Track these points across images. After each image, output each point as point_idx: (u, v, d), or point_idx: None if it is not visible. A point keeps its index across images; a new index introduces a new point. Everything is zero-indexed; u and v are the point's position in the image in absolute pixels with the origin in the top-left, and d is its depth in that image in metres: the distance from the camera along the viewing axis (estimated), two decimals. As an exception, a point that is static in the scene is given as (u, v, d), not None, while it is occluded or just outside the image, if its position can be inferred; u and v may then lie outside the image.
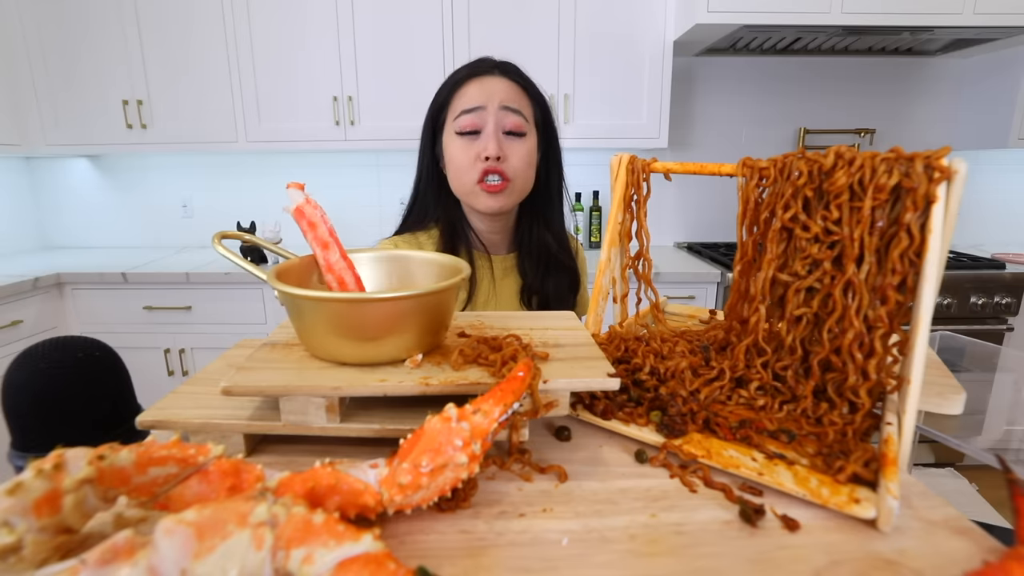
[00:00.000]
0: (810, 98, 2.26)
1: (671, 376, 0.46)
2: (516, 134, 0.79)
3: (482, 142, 0.77)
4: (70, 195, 2.37)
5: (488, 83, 0.78)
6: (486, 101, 0.77)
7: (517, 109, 0.78)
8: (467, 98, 0.78)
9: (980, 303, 1.81)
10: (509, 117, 0.78)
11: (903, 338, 0.37)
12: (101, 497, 0.27)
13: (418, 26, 1.92)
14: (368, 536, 0.25)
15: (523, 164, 0.79)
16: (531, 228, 0.88)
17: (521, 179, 0.80)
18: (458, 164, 0.79)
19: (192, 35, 1.95)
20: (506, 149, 0.78)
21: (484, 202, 0.80)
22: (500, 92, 0.78)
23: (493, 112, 0.77)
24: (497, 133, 0.77)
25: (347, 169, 2.32)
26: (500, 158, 0.77)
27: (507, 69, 0.81)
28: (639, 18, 1.93)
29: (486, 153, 0.76)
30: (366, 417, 0.40)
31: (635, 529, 0.32)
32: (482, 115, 0.77)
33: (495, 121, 0.77)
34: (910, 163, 0.36)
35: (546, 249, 0.87)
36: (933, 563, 0.29)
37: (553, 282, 0.87)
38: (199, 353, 1.94)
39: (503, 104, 0.77)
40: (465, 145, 0.78)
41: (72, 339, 0.61)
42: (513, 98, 0.79)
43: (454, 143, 0.80)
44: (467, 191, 0.81)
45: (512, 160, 0.78)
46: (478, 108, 0.77)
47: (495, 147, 0.76)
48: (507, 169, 0.78)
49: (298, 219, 0.48)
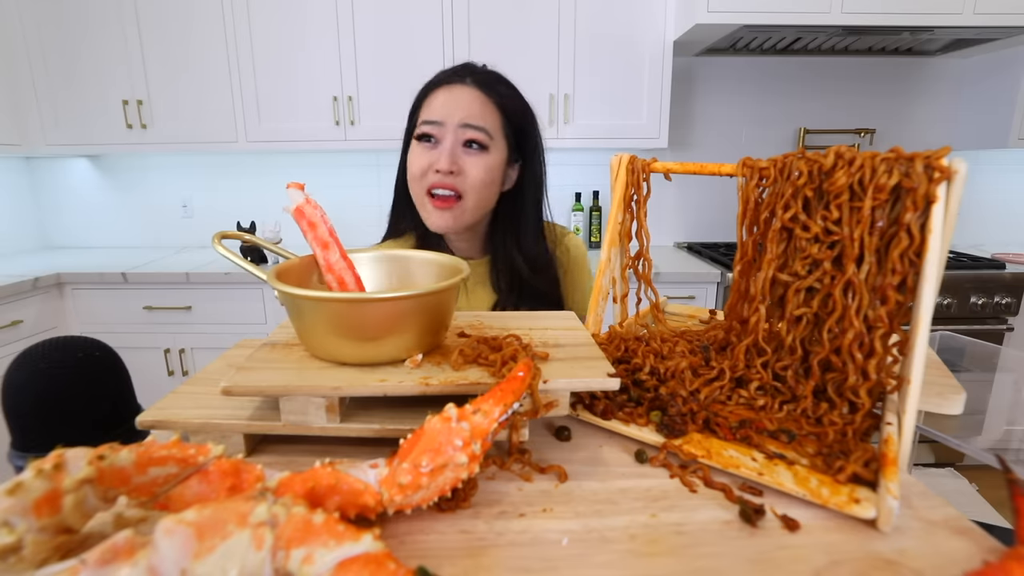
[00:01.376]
0: (810, 98, 2.26)
1: (671, 376, 0.46)
2: (477, 145, 0.76)
3: (436, 153, 0.76)
4: (70, 195, 2.37)
5: (456, 93, 0.76)
6: (446, 116, 0.75)
7: (479, 126, 0.75)
8: (431, 109, 0.77)
9: (980, 303, 1.81)
10: (468, 132, 0.75)
11: (903, 338, 0.37)
12: (101, 497, 0.27)
13: (418, 26, 1.92)
14: (368, 536, 0.25)
15: (479, 180, 0.76)
16: (503, 241, 0.84)
17: (475, 196, 0.77)
18: (412, 170, 0.78)
19: (192, 35, 1.95)
20: (462, 162, 0.75)
21: (432, 219, 0.78)
22: (464, 107, 0.75)
23: (452, 128, 0.75)
24: (454, 147, 0.75)
25: (347, 169, 2.32)
26: (453, 172, 0.75)
27: (483, 80, 0.78)
28: (639, 18, 1.93)
29: (437, 165, 0.75)
30: (366, 417, 0.40)
31: (635, 529, 0.32)
32: (441, 129, 0.75)
33: (453, 135, 0.75)
34: (910, 163, 0.36)
35: (515, 268, 0.83)
36: (933, 563, 0.29)
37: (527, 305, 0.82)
38: (199, 353, 1.94)
39: (464, 122, 0.75)
40: (421, 152, 0.77)
41: (72, 339, 0.60)
42: (476, 113, 0.75)
43: (413, 149, 0.78)
44: (418, 200, 0.79)
45: (468, 174, 0.76)
46: (437, 122, 0.75)
47: (447, 160, 0.74)
48: (459, 184, 0.76)
49: (298, 219, 0.48)
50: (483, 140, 0.76)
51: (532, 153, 0.83)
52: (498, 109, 0.78)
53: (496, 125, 0.77)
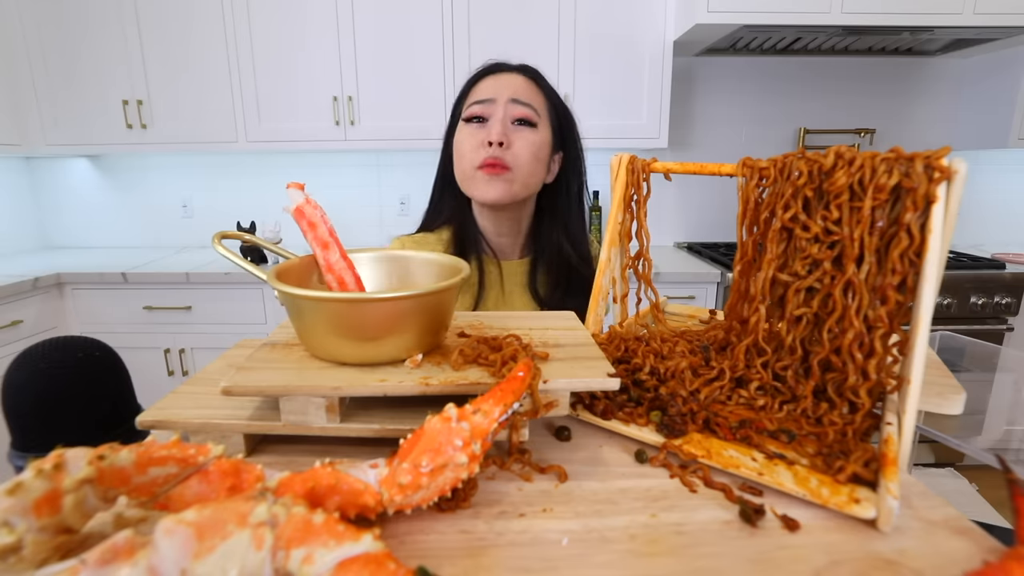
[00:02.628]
0: (810, 98, 2.26)
1: (671, 376, 0.46)
2: (526, 122, 0.78)
3: (487, 128, 0.77)
4: (70, 195, 2.37)
5: (503, 78, 0.80)
6: (497, 94, 0.78)
7: (528, 103, 0.78)
8: (480, 91, 0.80)
9: (980, 303, 1.81)
10: (519, 108, 0.78)
11: (903, 338, 0.37)
12: (101, 497, 0.27)
13: (418, 26, 1.92)
14: (368, 536, 0.25)
15: (528, 154, 0.77)
16: (550, 234, 0.84)
17: (524, 170, 0.78)
18: (462, 149, 0.79)
19: (192, 35, 1.95)
20: (511, 136, 0.77)
21: (482, 188, 0.78)
22: (512, 86, 0.78)
23: (503, 103, 0.77)
24: (504, 121, 0.77)
25: (347, 169, 2.32)
26: (504, 144, 0.76)
27: (526, 69, 0.82)
28: (639, 18, 1.93)
29: (489, 138, 0.76)
30: (366, 417, 0.40)
31: (635, 529, 0.32)
32: (491, 106, 0.78)
33: (504, 111, 0.77)
34: (910, 163, 0.36)
35: (565, 259, 0.83)
36: (933, 563, 0.29)
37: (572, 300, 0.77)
38: (199, 353, 1.94)
39: (513, 97, 0.77)
40: (472, 132, 0.78)
41: (72, 339, 0.60)
42: (525, 92, 0.79)
43: (462, 131, 0.80)
44: (466, 177, 0.79)
45: (516, 148, 0.77)
46: (488, 100, 0.78)
47: (499, 132, 0.76)
48: (509, 158, 0.77)
49: (298, 219, 0.48)
50: (531, 117, 0.78)
51: (573, 144, 0.85)
52: (543, 93, 0.81)
53: (542, 106, 0.80)
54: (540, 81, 0.82)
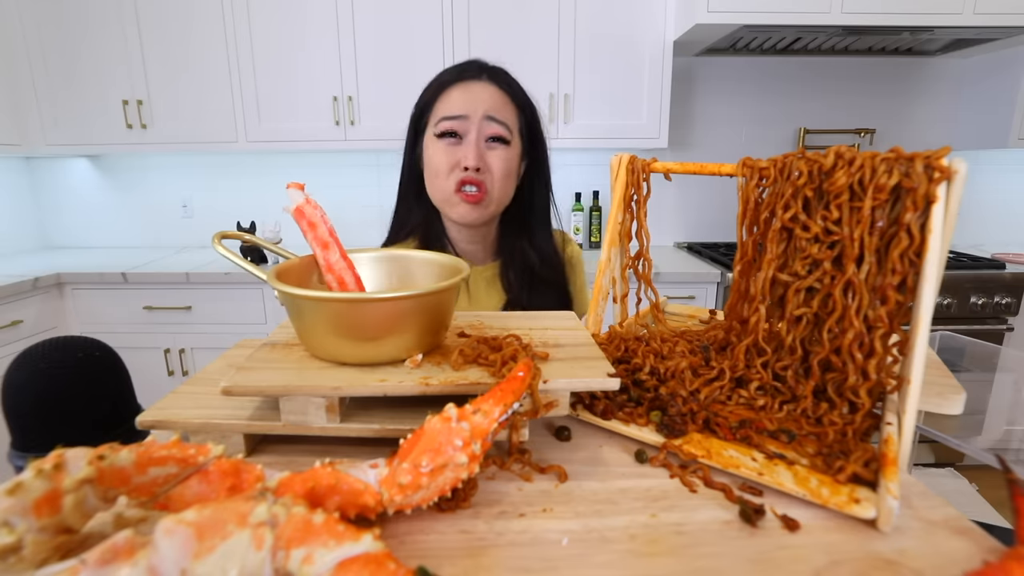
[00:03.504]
0: (810, 98, 2.26)
1: (671, 376, 0.46)
2: (499, 140, 0.77)
3: (463, 150, 0.75)
4: (70, 195, 2.37)
5: (474, 89, 0.77)
6: (470, 110, 0.75)
7: (501, 120, 0.76)
8: (450, 104, 0.77)
9: (980, 303, 1.81)
10: (493, 126, 0.76)
11: (903, 338, 0.37)
12: (101, 497, 0.27)
13: (418, 26, 1.92)
14: (368, 536, 0.25)
15: (502, 174, 0.77)
16: (514, 240, 0.85)
17: (499, 190, 0.78)
18: (436, 169, 0.77)
19: (192, 35, 1.95)
20: (487, 158, 0.76)
21: (460, 212, 0.78)
22: (485, 100, 0.76)
23: (476, 122, 0.75)
24: (479, 143, 0.76)
25: (347, 169, 2.32)
26: (480, 169, 0.76)
27: (495, 75, 0.79)
28: (639, 18, 1.93)
29: (466, 163, 0.75)
30: (366, 417, 0.40)
31: (635, 529, 0.32)
32: (464, 123, 0.76)
33: (477, 130, 0.76)
34: (910, 163, 0.36)
35: (529, 265, 0.84)
36: (933, 563, 0.29)
37: (539, 299, 0.83)
38: (199, 353, 1.94)
39: (487, 114, 0.76)
40: (445, 150, 0.77)
41: (72, 339, 0.60)
42: (498, 107, 0.77)
43: (434, 146, 0.78)
44: (444, 198, 0.79)
45: (492, 170, 0.77)
46: (461, 116, 0.75)
47: (475, 157, 0.74)
48: (486, 180, 0.76)
49: (298, 219, 0.48)
50: (505, 135, 0.77)
51: (539, 147, 0.84)
52: (514, 105, 0.79)
53: (513, 120, 0.79)
54: (511, 89, 0.80)
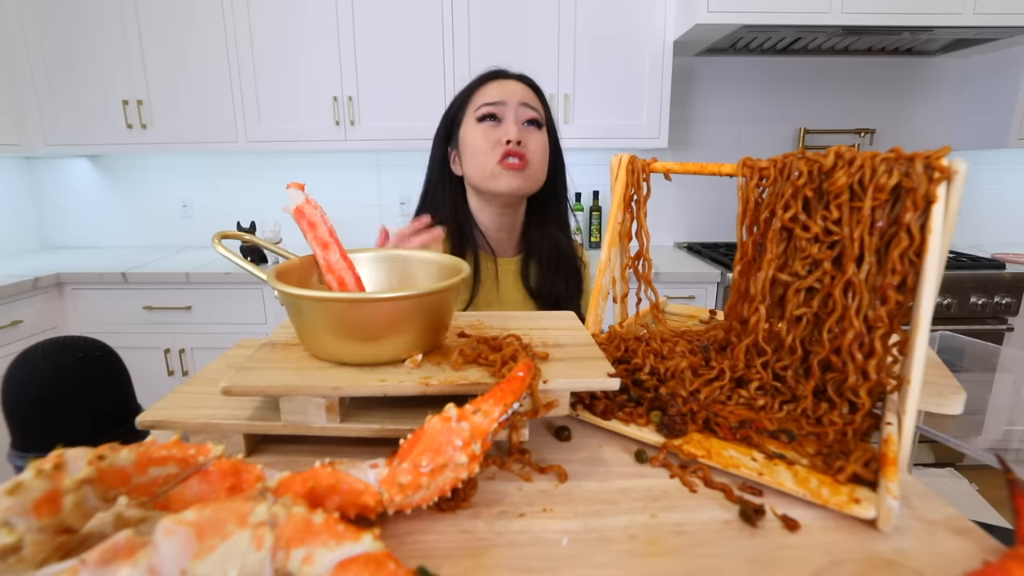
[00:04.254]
0: (810, 98, 2.26)
1: (671, 376, 0.46)
2: (535, 123, 0.84)
3: (503, 128, 0.82)
4: (70, 195, 2.37)
5: (507, 84, 0.85)
6: (507, 97, 0.83)
7: (534, 107, 0.84)
8: (488, 94, 0.84)
9: (980, 303, 1.81)
10: (528, 111, 0.83)
11: (903, 338, 0.37)
12: (101, 497, 0.27)
13: (418, 27, 1.92)
14: (368, 536, 0.25)
15: (540, 152, 0.84)
16: (541, 228, 0.91)
17: (537, 166, 0.84)
18: (478, 148, 0.83)
19: (192, 35, 1.95)
20: (525, 135, 0.82)
21: (506, 181, 0.82)
22: (518, 92, 0.84)
23: (513, 107, 0.82)
24: (518, 122, 0.83)
25: (347, 169, 2.32)
26: (520, 143, 0.81)
27: (522, 77, 0.87)
28: (639, 18, 1.93)
29: (508, 136, 0.81)
30: (366, 417, 0.40)
31: (635, 529, 0.32)
32: (503, 108, 0.82)
33: (515, 112, 0.83)
34: (910, 163, 0.36)
35: (557, 249, 0.90)
36: (933, 563, 0.29)
37: (564, 283, 0.89)
38: (199, 353, 1.94)
39: (522, 101, 0.83)
40: (486, 130, 0.83)
41: (72, 339, 0.61)
42: (530, 98, 0.85)
43: (474, 129, 0.84)
44: (487, 174, 0.83)
45: (531, 146, 0.83)
46: (499, 103, 0.83)
47: (516, 131, 0.81)
48: (527, 153, 0.82)
49: (298, 219, 0.48)
50: (539, 119, 0.85)
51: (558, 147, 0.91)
52: (540, 100, 0.87)
53: (542, 112, 0.86)
54: (538, 90, 0.88)
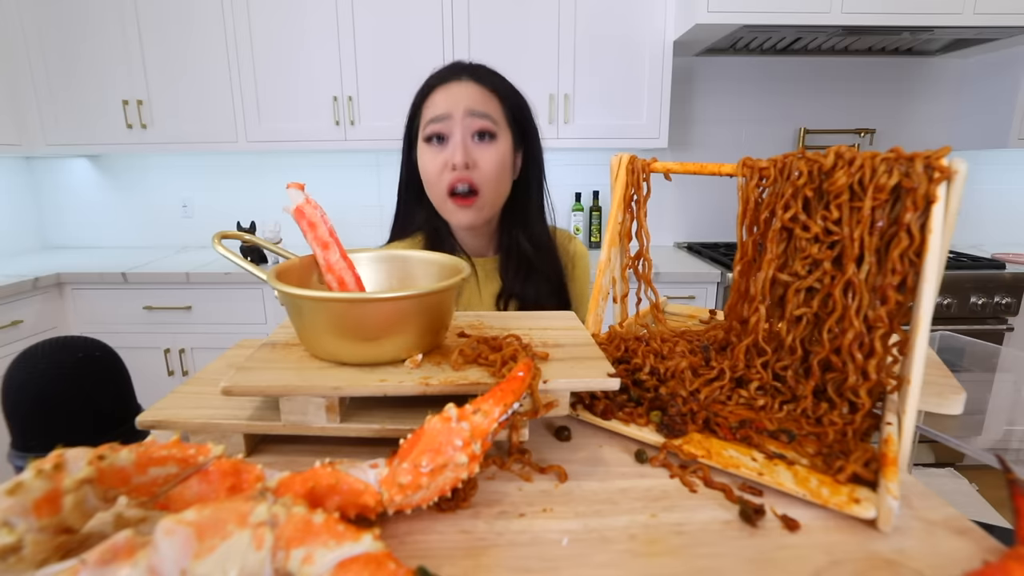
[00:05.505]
0: (810, 98, 2.26)
1: (671, 376, 0.46)
2: (485, 135, 0.77)
3: (449, 150, 0.76)
4: (70, 195, 2.37)
5: (454, 89, 0.77)
6: (451, 108, 0.76)
7: (484, 112, 0.76)
8: (434, 106, 0.77)
9: (980, 303, 1.81)
10: (476, 121, 0.76)
11: (903, 338, 0.37)
12: (101, 497, 0.27)
13: (418, 27, 1.92)
14: (368, 536, 0.25)
15: (493, 171, 0.77)
16: (510, 231, 0.86)
17: (491, 188, 0.78)
18: (427, 174, 0.79)
19: (192, 35, 1.95)
20: (475, 154, 0.76)
21: (455, 217, 0.79)
22: (465, 97, 0.76)
23: (459, 119, 0.76)
24: (464, 140, 0.76)
25: (347, 169, 2.32)
26: (468, 165, 0.76)
27: (476, 72, 0.79)
28: (639, 18, 1.93)
29: (453, 161, 0.75)
30: (366, 417, 0.40)
31: (635, 529, 0.32)
32: (448, 123, 0.76)
33: (462, 128, 0.76)
34: (910, 163, 0.36)
35: (524, 255, 0.85)
36: (933, 563, 0.29)
37: (533, 287, 0.84)
38: (199, 353, 1.94)
39: (469, 110, 0.76)
40: (433, 153, 0.78)
41: (72, 339, 0.61)
42: (479, 101, 0.77)
43: (423, 152, 0.79)
44: (439, 203, 0.80)
45: (482, 166, 0.77)
46: (444, 117, 0.76)
47: (462, 155, 0.75)
48: (476, 178, 0.77)
49: (298, 219, 0.48)
50: (491, 128, 0.77)
51: (531, 137, 0.84)
52: (497, 97, 0.79)
53: (499, 112, 0.79)
54: (493, 82, 0.79)
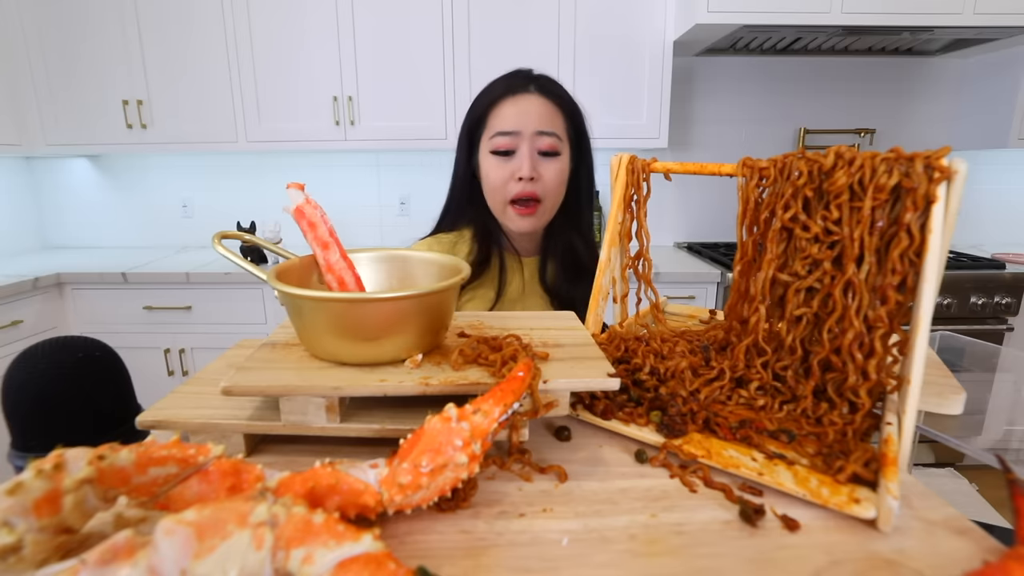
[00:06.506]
0: (810, 98, 2.26)
1: (671, 376, 0.46)
2: (551, 154, 0.80)
3: (516, 162, 0.79)
4: (70, 195, 2.37)
5: (523, 103, 0.79)
6: (521, 126, 0.79)
7: (552, 132, 0.79)
8: (503, 119, 0.80)
9: (980, 303, 1.81)
10: (544, 140, 0.79)
11: (903, 338, 0.37)
12: (101, 497, 0.27)
13: (418, 26, 1.92)
14: (368, 536, 0.25)
15: (555, 184, 0.81)
16: (560, 234, 0.89)
17: (552, 198, 0.82)
18: (492, 182, 0.82)
19: (192, 35, 1.95)
20: (540, 168, 0.80)
21: (517, 223, 0.83)
22: (535, 114, 0.79)
23: (528, 137, 0.79)
24: (532, 155, 0.79)
25: (347, 169, 2.32)
26: (534, 179, 0.79)
27: (545, 86, 0.81)
28: (639, 18, 1.93)
29: (520, 173, 0.78)
30: (366, 417, 0.40)
31: (635, 529, 0.32)
32: (517, 139, 0.79)
33: (530, 145, 0.79)
34: (910, 163, 0.36)
35: (575, 255, 0.88)
36: (933, 563, 0.29)
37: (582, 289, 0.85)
38: (199, 353, 1.94)
39: (538, 129, 0.79)
40: (499, 164, 0.80)
41: (72, 339, 0.61)
42: (547, 120, 0.80)
43: (488, 160, 0.82)
44: (499, 210, 0.84)
45: (545, 180, 0.80)
46: (514, 132, 0.79)
47: (529, 168, 0.78)
48: (539, 190, 0.80)
49: (298, 219, 0.48)
50: (556, 147, 0.81)
51: (585, 147, 0.88)
52: (563, 114, 0.82)
53: (563, 129, 0.82)
54: (558, 97, 0.82)
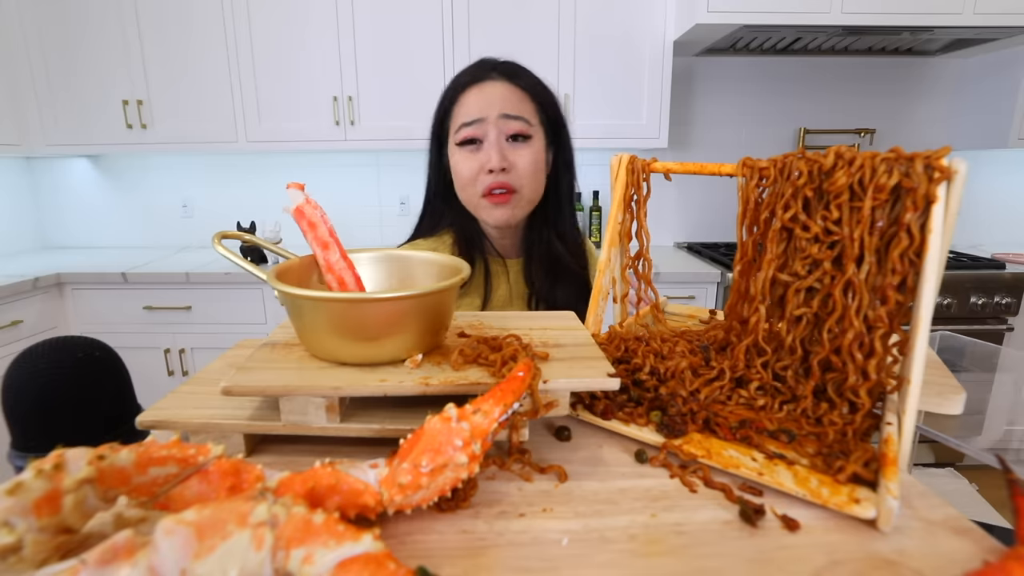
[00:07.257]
0: (810, 98, 2.26)
1: (671, 376, 0.46)
2: (521, 137, 0.76)
3: (484, 153, 0.75)
4: (70, 195, 2.37)
5: (487, 89, 0.76)
6: (485, 111, 0.74)
7: (518, 115, 0.75)
8: (466, 109, 0.76)
9: (980, 303, 1.81)
10: (511, 123, 0.75)
11: (903, 338, 0.37)
12: (101, 497, 0.27)
13: (418, 26, 1.92)
14: (368, 536, 0.25)
15: (529, 171, 0.76)
16: (540, 233, 0.84)
17: (528, 187, 0.77)
18: (462, 177, 0.77)
19: (192, 35, 1.95)
20: (511, 156, 0.75)
21: (492, 215, 0.78)
22: (499, 99, 0.75)
23: (493, 122, 0.74)
24: (499, 142, 0.75)
25: (347, 169, 2.32)
26: (505, 168, 0.75)
27: (508, 71, 0.78)
28: (639, 18, 1.93)
29: (489, 165, 0.74)
30: (366, 417, 0.40)
31: (635, 529, 0.32)
32: (482, 126, 0.75)
33: (496, 130, 0.75)
34: (910, 163, 0.36)
35: (555, 256, 0.84)
36: (933, 563, 0.29)
37: (562, 291, 0.83)
38: (199, 353, 1.94)
39: (503, 112, 0.74)
40: (468, 157, 0.76)
41: (72, 339, 0.61)
42: (513, 104, 0.76)
43: (456, 155, 0.78)
44: (473, 205, 0.79)
45: (518, 167, 0.76)
46: (477, 120, 0.75)
47: (498, 158, 0.74)
48: (512, 180, 0.76)
49: (298, 219, 0.48)
50: (525, 131, 0.76)
51: (562, 136, 0.83)
52: (530, 97, 0.78)
53: (532, 112, 0.77)
54: (525, 82, 0.78)
